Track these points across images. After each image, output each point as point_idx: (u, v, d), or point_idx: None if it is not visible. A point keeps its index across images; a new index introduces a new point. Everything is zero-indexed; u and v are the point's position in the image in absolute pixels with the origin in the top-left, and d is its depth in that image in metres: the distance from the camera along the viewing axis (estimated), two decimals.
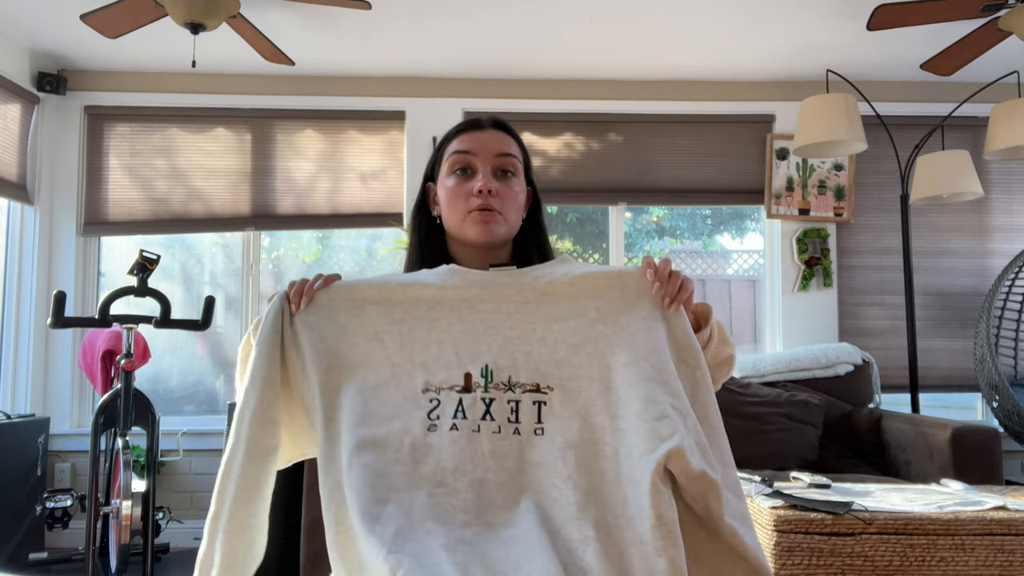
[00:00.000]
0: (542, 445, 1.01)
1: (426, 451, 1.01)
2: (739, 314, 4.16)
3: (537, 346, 1.07)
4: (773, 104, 3.95)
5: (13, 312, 3.65)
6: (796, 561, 1.64)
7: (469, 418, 1.03)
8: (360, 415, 1.02)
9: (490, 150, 1.22)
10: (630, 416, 0.99)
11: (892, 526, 1.65)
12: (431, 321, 1.09)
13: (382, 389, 1.06)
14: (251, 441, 1.05)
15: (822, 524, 1.65)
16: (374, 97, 3.91)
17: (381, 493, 0.96)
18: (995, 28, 2.93)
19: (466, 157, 1.22)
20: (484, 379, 1.06)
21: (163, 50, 3.57)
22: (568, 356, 1.06)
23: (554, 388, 1.05)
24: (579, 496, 0.96)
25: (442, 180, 1.25)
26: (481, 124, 1.26)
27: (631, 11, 3.21)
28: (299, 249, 4.11)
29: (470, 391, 1.05)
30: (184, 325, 2.87)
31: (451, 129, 1.29)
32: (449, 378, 1.06)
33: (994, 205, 3.98)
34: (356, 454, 0.99)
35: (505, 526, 0.95)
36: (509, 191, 1.22)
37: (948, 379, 3.89)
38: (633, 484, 0.94)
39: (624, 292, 1.08)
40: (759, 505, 1.76)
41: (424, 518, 0.95)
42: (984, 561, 1.64)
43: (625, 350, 1.03)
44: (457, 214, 1.21)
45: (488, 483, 0.99)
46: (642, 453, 0.95)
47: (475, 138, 1.23)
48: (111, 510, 2.72)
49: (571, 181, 3.95)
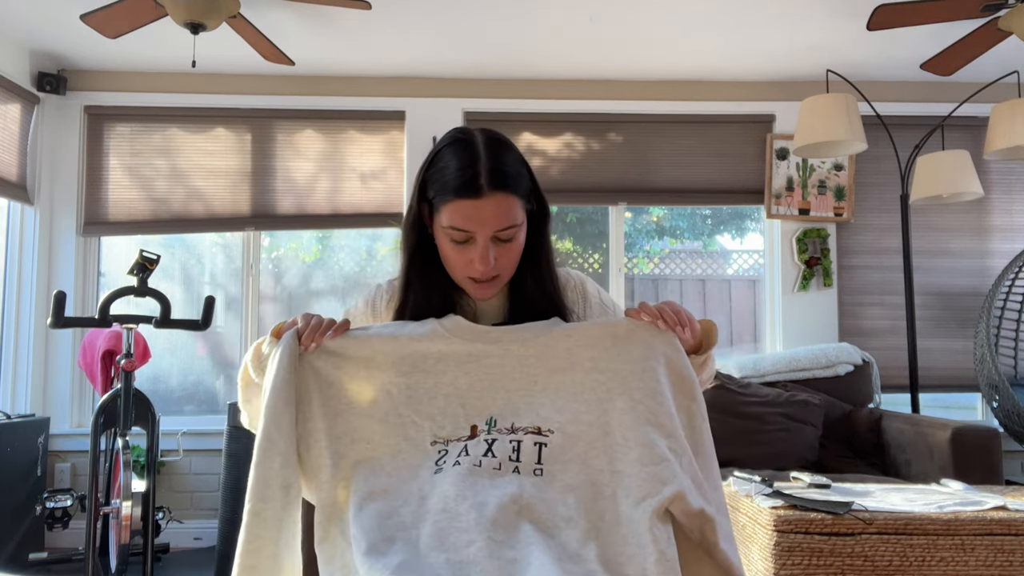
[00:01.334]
0: (542, 485, 1.04)
1: (431, 488, 1.04)
2: (739, 314, 4.16)
3: (539, 396, 1.11)
4: (773, 104, 3.95)
5: (13, 312, 3.65)
6: (796, 561, 1.64)
7: (471, 455, 1.06)
8: (372, 466, 1.06)
9: (490, 226, 1.13)
10: (629, 460, 1.03)
11: (892, 526, 1.65)
12: (438, 375, 1.13)
13: (391, 441, 1.09)
14: (285, 485, 1.05)
15: (822, 524, 1.65)
16: (374, 97, 3.91)
17: (389, 532, 0.99)
18: (995, 28, 2.92)
19: (464, 234, 1.14)
20: (488, 426, 1.09)
21: (163, 50, 3.57)
22: (568, 403, 1.10)
23: (554, 431, 1.08)
24: (579, 535, 0.99)
25: (438, 230, 1.18)
26: (479, 189, 1.11)
27: (631, 11, 3.21)
28: (299, 249, 4.11)
29: (475, 437, 1.09)
30: (184, 325, 2.87)
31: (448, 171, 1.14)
32: (456, 431, 1.09)
33: (994, 205, 3.98)
34: (368, 500, 1.02)
35: (507, 546, 0.97)
36: (510, 253, 1.19)
37: (948, 379, 3.89)
38: (632, 523, 0.99)
39: (616, 340, 1.14)
40: (759, 505, 1.76)
41: (429, 548, 0.97)
42: (984, 561, 1.64)
43: (622, 395, 1.08)
44: (455, 274, 1.21)
45: (488, 504, 1.00)
46: (644, 496, 1.00)
47: (474, 210, 1.11)
48: (111, 510, 2.72)
49: (571, 181, 3.95)
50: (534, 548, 0.96)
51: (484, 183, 1.11)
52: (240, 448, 3.06)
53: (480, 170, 1.11)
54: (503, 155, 1.15)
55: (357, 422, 1.09)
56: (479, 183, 1.11)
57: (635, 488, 1.01)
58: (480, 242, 1.14)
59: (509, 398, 1.11)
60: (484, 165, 1.12)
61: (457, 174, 1.12)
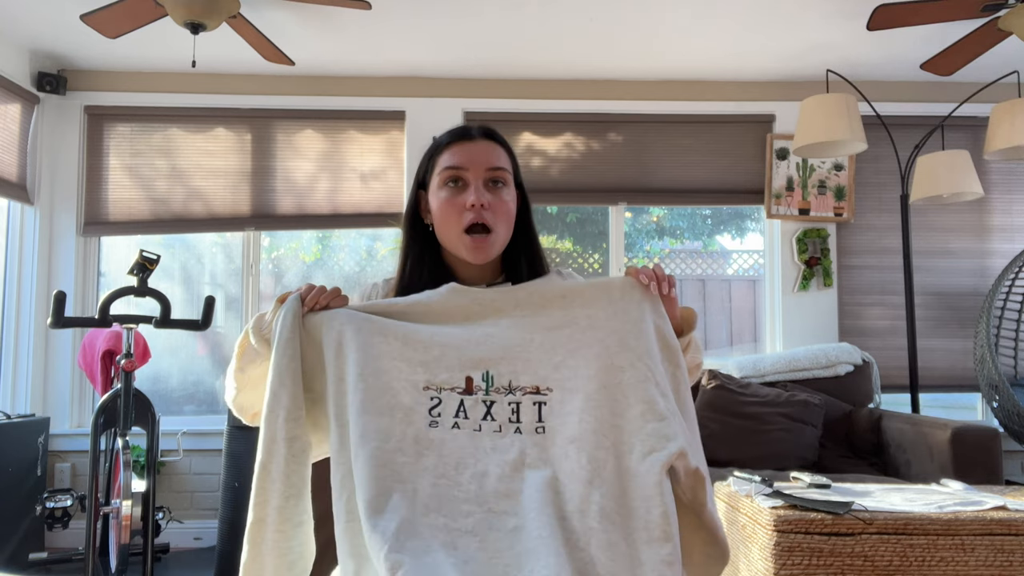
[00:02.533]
0: (544, 442, 1.05)
1: (428, 444, 1.04)
2: (739, 314, 4.16)
3: (536, 353, 1.11)
4: (773, 104, 3.95)
5: (13, 312, 3.65)
6: (796, 561, 1.64)
7: (471, 418, 1.06)
8: (362, 402, 1.05)
9: (481, 163, 1.25)
10: (632, 416, 1.03)
11: (892, 526, 1.65)
12: (435, 325, 1.14)
13: (383, 378, 1.08)
14: (290, 438, 1.05)
15: (822, 524, 1.65)
16: (374, 97, 3.91)
17: (386, 483, 0.98)
18: (995, 28, 2.92)
19: (458, 172, 1.25)
20: (485, 383, 1.09)
21: (163, 50, 3.57)
22: (565, 360, 1.10)
23: (553, 389, 1.08)
24: (580, 488, 0.99)
25: (434, 191, 1.28)
26: (471, 134, 1.28)
27: (631, 11, 3.21)
28: (299, 249, 4.11)
29: (471, 393, 1.09)
30: (184, 325, 2.87)
31: (441, 137, 1.31)
32: (450, 379, 1.09)
33: (994, 205, 3.98)
34: (360, 443, 1.01)
35: (508, 515, 0.97)
36: (501, 203, 1.26)
37: (948, 379, 3.89)
38: (633, 478, 0.99)
39: (611, 299, 1.14)
40: (759, 505, 1.76)
41: (428, 508, 0.97)
42: (984, 561, 1.65)
43: (620, 352, 1.08)
44: (451, 230, 1.25)
45: (490, 475, 1.01)
46: (650, 450, 1.00)
47: (466, 150, 1.26)
48: (111, 510, 2.72)
49: (571, 181, 3.95)
50: (534, 513, 0.96)
51: (476, 132, 1.29)
52: (240, 448, 3.06)
53: (472, 127, 1.31)
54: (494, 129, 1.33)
55: (355, 364, 1.08)
56: (471, 132, 1.29)
57: (639, 442, 1.01)
58: (473, 181, 1.24)
59: (506, 352, 1.11)
60: (476, 126, 1.31)
61: (449, 132, 1.31)
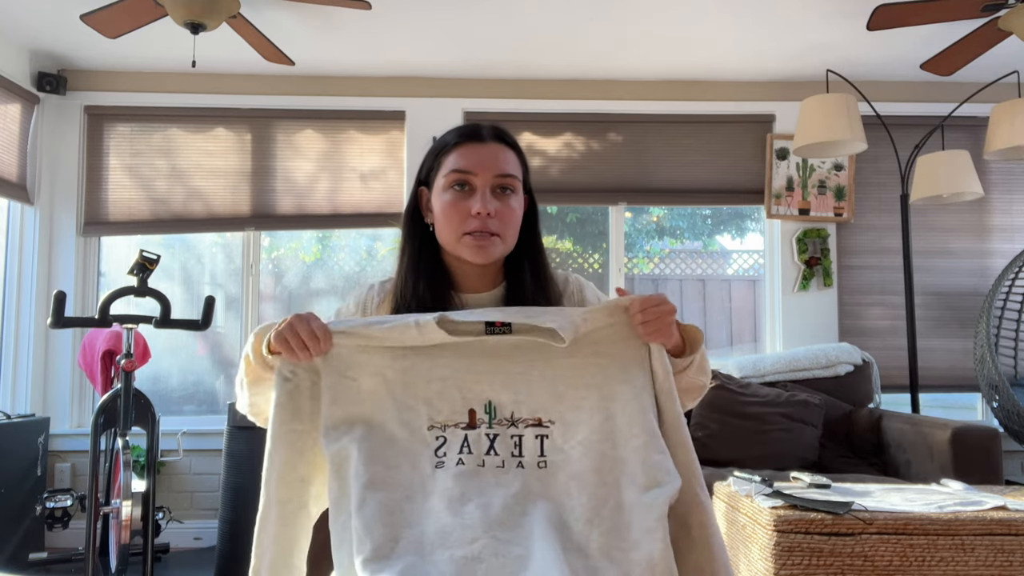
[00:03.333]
0: (546, 478, 1.05)
1: (434, 485, 1.04)
2: (739, 314, 4.16)
3: (538, 382, 1.10)
4: (773, 104, 3.95)
5: (13, 312, 3.65)
6: (796, 561, 1.64)
7: (474, 453, 1.06)
8: (369, 453, 1.05)
9: (490, 169, 1.18)
10: (633, 447, 1.04)
11: (892, 526, 1.65)
12: (434, 357, 1.11)
13: (388, 426, 1.08)
14: (280, 501, 1.07)
15: (822, 524, 1.65)
16: (374, 97, 3.91)
17: (393, 531, 0.99)
18: (995, 28, 2.92)
19: (465, 176, 1.18)
20: (488, 415, 1.08)
21: (163, 50, 3.57)
22: (567, 390, 1.09)
23: (555, 422, 1.08)
24: (581, 527, 1.00)
25: (438, 191, 1.21)
26: (482, 135, 1.21)
27: (631, 11, 3.21)
28: (299, 249, 4.11)
29: (475, 427, 1.08)
30: (184, 325, 2.87)
31: (449, 134, 1.24)
32: (453, 415, 1.08)
33: (994, 205, 3.98)
34: (368, 491, 1.01)
35: (513, 543, 0.97)
36: (508, 210, 1.20)
37: (948, 379, 3.89)
38: (638, 510, 1.00)
39: (614, 326, 1.12)
40: (759, 505, 1.76)
41: (434, 546, 0.97)
42: (984, 561, 1.64)
43: (623, 383, 1.08)
44: (452, 232, 1.19)
45: (493, 505, 1.01)
46: (652, 484, 1.01)
47: (475, 153, 1.19)
48: (111, 510, 2.72)
49: (571, 181, 3.95)
50: (539, 542, 0.96)
51: (486, 134, 1.22)
52: (240, 448, 3.06)
53: (483, 126, 1.23)
54: (505, 130, 1.27)
55: (353, 409, 1.08)
56: (482, 132, 1.22)
57: (640, 475, 1.02)
58: (480, 187, 1.18)
59: (507, 382, 1.10)
60: (487, 126, 1.24)
61: (458, 131, 1.23)
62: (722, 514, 2.02)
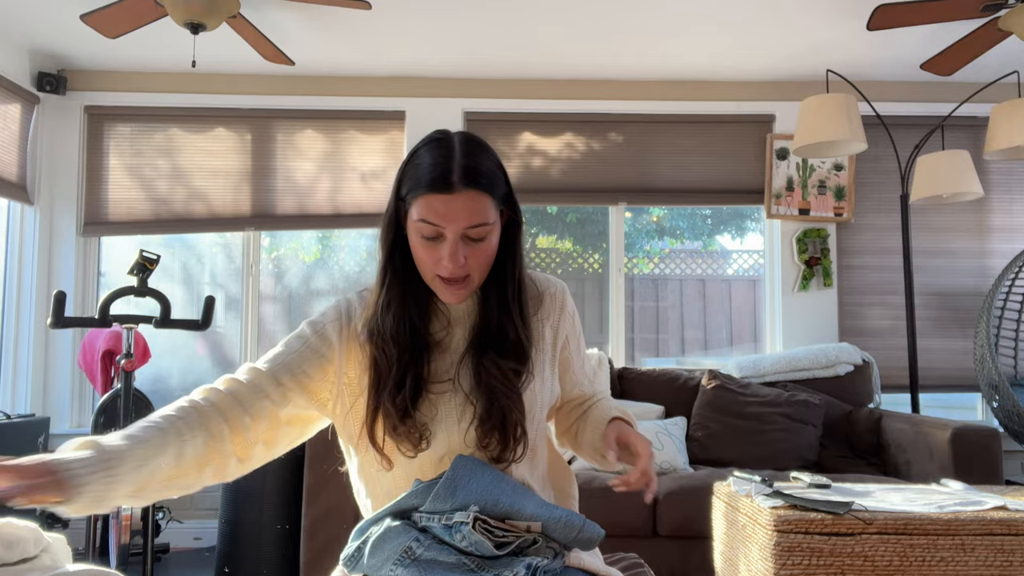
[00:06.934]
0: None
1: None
2: (739, 314, 4.16)
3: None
4: (773, 104, 3.95)
5: (13, 312, 3.65)
6: (796, 561, 1.64)
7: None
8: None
9: (459, 222, 1.11)
10: None
11: (892, 526, 1.65)
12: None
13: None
14: None
15: (822, 524, 1.65)
16: (374, 97, 3.91)
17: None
18: (995, 28, 2.93)
19: (434, 228, 1.12)
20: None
21: (163, 50, 3.57)
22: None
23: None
24: None
25: (411, 224, 1.16)
26: (451, 184, 1.10)
27: (631, 11, 3.21)
28: (299, 249, 4.11)
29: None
30: (184, 325, 2.87)
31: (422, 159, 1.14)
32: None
33: (994, 205, 3.98)
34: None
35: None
36: (480, 253, 1.15)
37: (948, 379, 3.89)
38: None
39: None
40: (759, 505, 1.76)
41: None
42: (984, 561, 1.64)
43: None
44: (424, 272, 1.17)
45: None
46: None
47: (444, 205, 1.10)
48: (111, 510, 2.72)
49: (571, 181, 3.95)
50: None
51: (456, 179, 1.10)
52: None
53: (453, 167, 1.10)
54: (478, 155, 1.14)
55: None
56: (451, 179, 1.10)
57: None
58: (450, 239, 1.11)
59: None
60: (458, 162, 1.11)
61: (429, 169, 1.11)
62: (722, 514, 2.02)
